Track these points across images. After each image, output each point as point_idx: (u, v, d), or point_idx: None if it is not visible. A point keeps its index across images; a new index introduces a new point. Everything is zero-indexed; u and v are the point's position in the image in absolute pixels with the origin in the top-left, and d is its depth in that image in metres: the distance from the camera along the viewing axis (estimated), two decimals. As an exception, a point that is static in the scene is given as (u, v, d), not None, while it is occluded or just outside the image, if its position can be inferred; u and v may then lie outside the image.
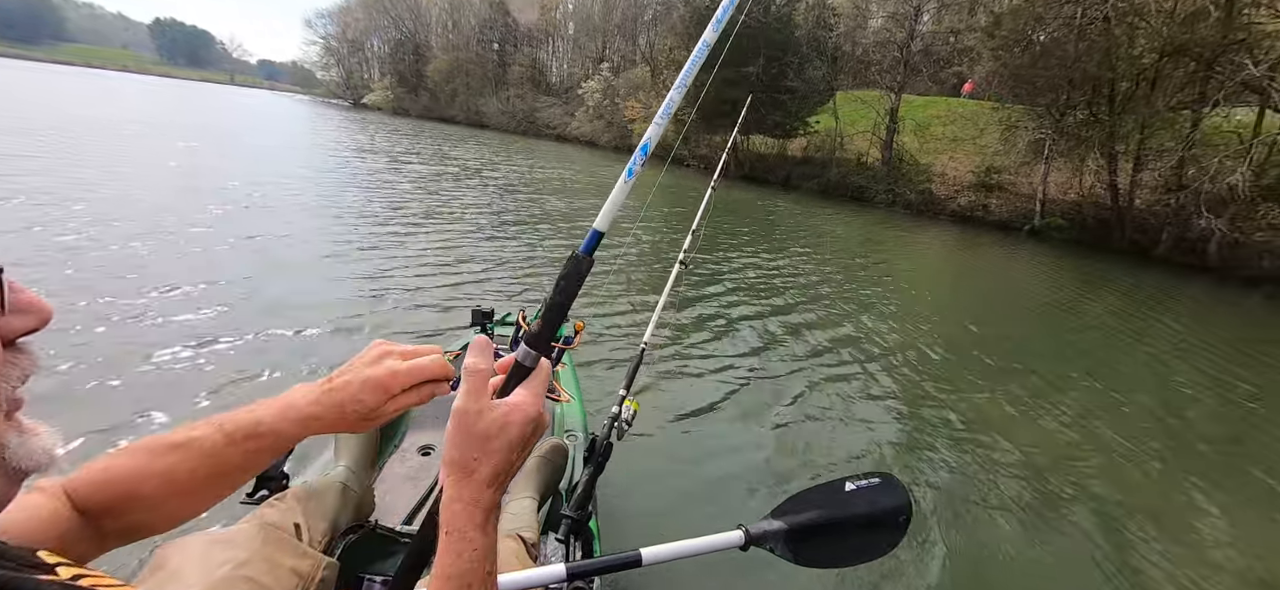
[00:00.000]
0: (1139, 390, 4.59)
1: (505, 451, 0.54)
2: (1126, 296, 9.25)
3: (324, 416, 0.63)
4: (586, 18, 46.75)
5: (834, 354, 4.50)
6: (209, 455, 0.60)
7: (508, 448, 0.54)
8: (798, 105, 22.29)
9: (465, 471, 0.53)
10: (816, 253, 9.32)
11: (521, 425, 0.55)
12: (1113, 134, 14.15)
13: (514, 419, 0.54)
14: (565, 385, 2.12)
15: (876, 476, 0.96)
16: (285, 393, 0.65)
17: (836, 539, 0.92)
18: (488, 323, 1.65)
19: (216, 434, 0.61)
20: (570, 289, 0.61)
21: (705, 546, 0.87)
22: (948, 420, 3.57)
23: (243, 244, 5.27)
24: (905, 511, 0.94)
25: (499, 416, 0.54)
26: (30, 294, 0.38)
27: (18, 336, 0.38)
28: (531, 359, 0.58)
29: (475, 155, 18.75)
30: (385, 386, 0.62)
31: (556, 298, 0.61)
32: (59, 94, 22.52)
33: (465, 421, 0.53)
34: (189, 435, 0.61)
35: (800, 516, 0.92)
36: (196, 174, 8.82)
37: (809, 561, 0.93)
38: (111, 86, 34.95)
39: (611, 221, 0.62)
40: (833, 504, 0.93)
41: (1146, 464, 3.34)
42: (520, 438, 0.55)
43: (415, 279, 4.94)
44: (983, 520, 2.59)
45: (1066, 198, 16.09)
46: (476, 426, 0.53)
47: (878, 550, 0.95)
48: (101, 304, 3.47)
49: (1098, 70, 14.01)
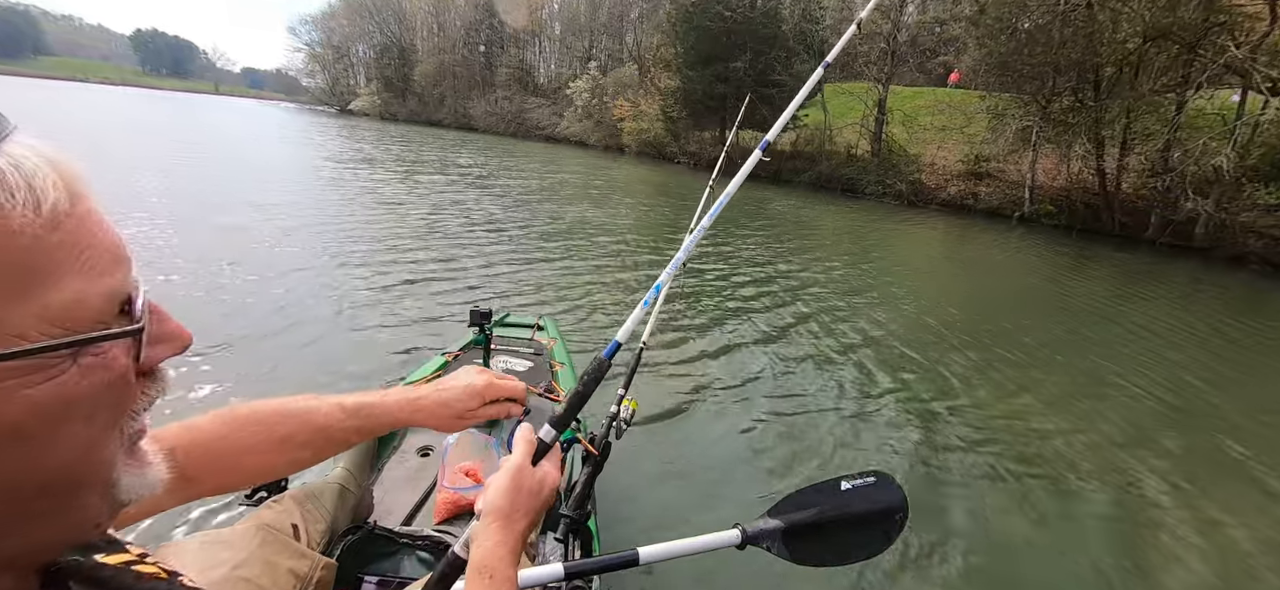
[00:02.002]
0: (1132, 371, 4.62)
1: (538, 510, 0.67)
2: (1117, 279, 9.34)
3: (428, 407, 0.74)
4: (572, 17, 46.67)
5: (829, 349, 4.50)
6: (323, 429, 0.69)
7: (539, 506, 0.67)
8: (786, 99, 22.27)
9: (508, 521, 0.63)
10: (809, 247, 9.34)
11: (551, 489, 0.69)
12: (1099, 119, 14.26)
13: (547, 482, 0.69)
14: (563, 385, 2.11)
15: (872, 475, 0.97)
16: (394, 389, 0.76)
17: (833, 537, 0.93)
18: (486, 322, 1.70)
19: (335, 409, 0.70)
20: (591, 385, 0.76)
21: (702, 545, 0.88)
22: (943, 411, 3.58)
23: (256, 257, 5.21)
24: (901, 509, 0.95)
25: (541, 477, 0.68)
26: (175, 322, 0.37)
27: (158, 364, 0.36)
28: (553, 437, 0.72)
29: (493, 163, 18.65)
30: (481, 394, 0.77)
31: (579, 389, 0.75)
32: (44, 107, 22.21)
33: (519, 477, 0.66)
34: (310, 405, 0.70)
35: (797, 515, 0.93)
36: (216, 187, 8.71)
37: (805, 560, 0.93)
38: (93, 101, 34.50)
39: (631, 333, 0.83)
40: (829, 503, 0.93)
41: (1147, 446, 3.36)
42: (546, 501, 0.68)
43: (450, 289, 4.90)
44: (978, 512, 2.60)
45: (1055, 184, 16.22)
46: (526, 482, 0.66)
47: (874, 548, 0.95)
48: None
49: (1082, 56, 14.11)
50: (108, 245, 0.32)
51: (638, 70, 32.41)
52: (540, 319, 2.65)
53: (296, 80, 69.45)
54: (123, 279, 0.32)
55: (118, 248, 0.33)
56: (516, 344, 2.33)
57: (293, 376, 3.08)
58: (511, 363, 2.13)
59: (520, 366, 2.12)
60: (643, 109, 29.26)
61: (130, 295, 0.33)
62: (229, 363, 3.15)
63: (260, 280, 4.54)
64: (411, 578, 1.09)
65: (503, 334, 2.45)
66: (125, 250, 0.33)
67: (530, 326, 2.58)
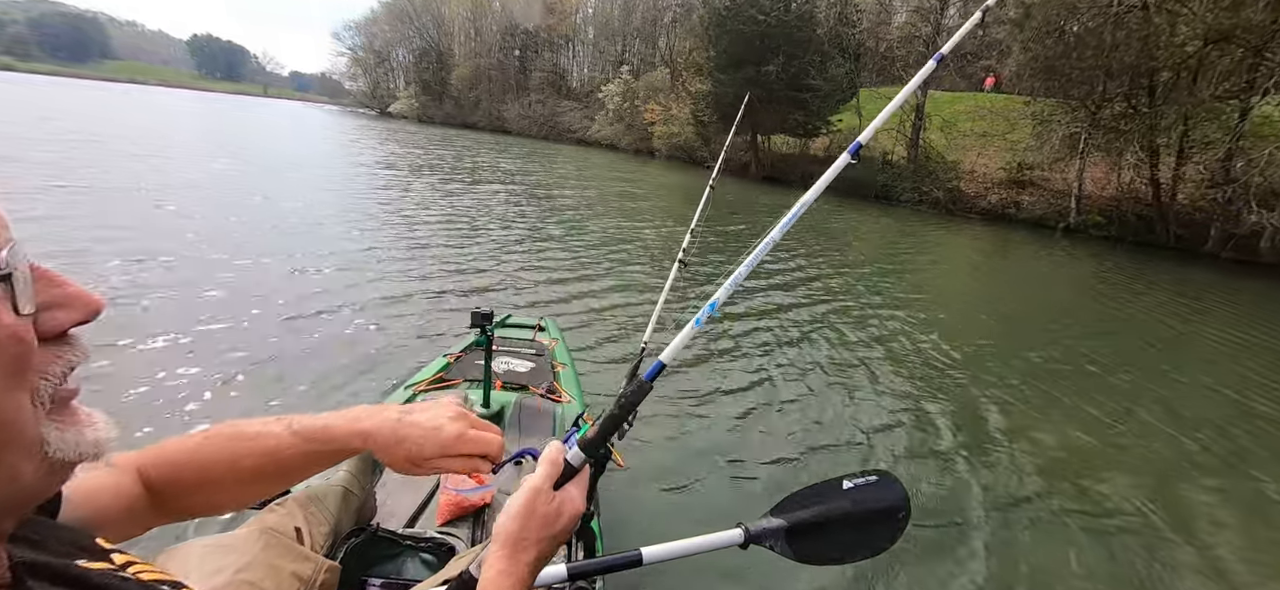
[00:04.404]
0: (1184, 398, 4.36)
1: (552, 540, 0.62)
2: (1171, 296, 8.84)
3: (382, 442, 0.66)
4: (606, 22, 47.05)
5: (841, 352, 4.40)
6: (273, 453, 0.64)
7: (554, 536, 0.62)
8: (819, 104, 21.99)
9: (517, 548, 0.59)
10: (831, 250, 9.15)
11: (571, 517, 0.63)
12: (1154, 126, 13.57)
13: (567, 510, 0.63)
14: (566, 385, 2.11)
15: (874, 474, 0.97)
16: (353, 408, 0.69)
17: (836, 536, 0.94)
18: (488, 323, 1.69)
19: (285, 432, 0.65)
20: (628, 408, 0.70)
21: (705, 545, 0.88)
22: (961, 421, 3.44)
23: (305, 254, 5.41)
24: (903, 508, 0.95)
25: (558, 505, 0.62)
26: (75, 286, 0.38)
27: (65, 329, 0.37)
28: (581, 462, 0.66)
29: (550, 171, 18.95)
30: (448, 446, 0.66)
31: (615, 411, 0.70)
32: (106, 110, 23.57)
33: (536, 501, 0.61)
34: (261, 429, 0.65)
35: (799, 514, 0.93)
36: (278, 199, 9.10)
37: (808, 558, 0.94)
38: (155, 102, 36.42)
39: (675, 356, 0.82)
40: (831, 501, 0.94)
41: (1192, 479, 3.16)
42: (565, 530, 0.63)
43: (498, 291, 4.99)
44: (995, 523, 2.48)
45: (1104, 194, 15.51)
46: (542, 507, 0.61)
47: (877, 546, 0.96)
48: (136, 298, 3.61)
49: (1136, 60, 13.47)
50: None
51: (669, 74, 32.45)
52: (542, 320, 2.66)
53: (340, 83, 71.96)
54: None
55: None
56: (518, 345, 2.33)
57: (293, 373, 3.13)
58: (513, 364, 2.12)
59: (521, 368, 2.11)
60: (673, 113, 29.29)
61: (2, 249, 0.33)
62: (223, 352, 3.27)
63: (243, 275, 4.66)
64: (415, 580, 1.09)
65: (504, 335, 2.45)
66: (3, 215, 0.34)
67: (532, 327, 2.58)
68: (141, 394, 2.74)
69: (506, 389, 1.94)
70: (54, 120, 15.91)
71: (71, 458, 0.37)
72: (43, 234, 4.96)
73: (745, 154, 24.75)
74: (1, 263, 0.33)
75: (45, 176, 7.52)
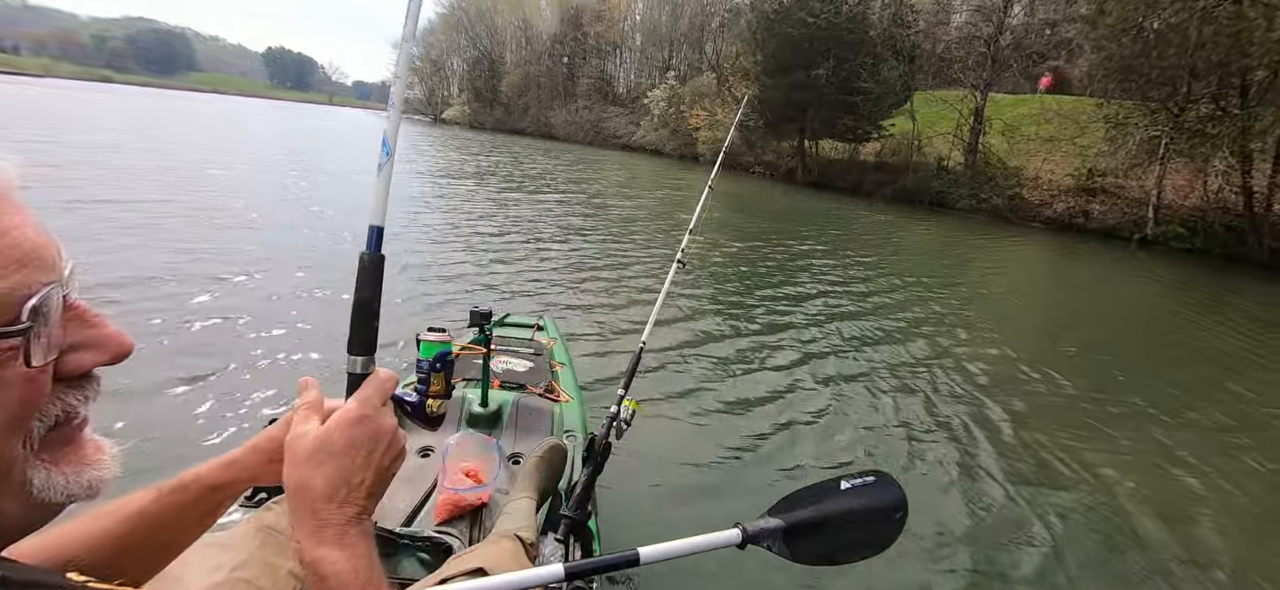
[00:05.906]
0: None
1: (333, 459, 0.50)
2: (1265, 317, 8.07)
3: (242, 460, 0.62)
4: (653, 28, 47.31)
5: (848, 357, 4.28)
6: (138, 515, 0.57)
7: (336, 455, 0.51)
8: (871, 108, 21.32)
9: (302, 499, 0.49)
10: (869, 252, 8.83)
11: (342, 427, 0.52)
12: (1246, 130, 12.43)
13: (333, 428, 0.52)
14: (564, 385, 2.10)
15: (872, 475, 0.97)
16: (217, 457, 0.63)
17: (834, 536, 0.94)
18: (486, 322, 1.68)
19: (148, 492, 0.59)
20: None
21: (703, 545, 0.88)
22: (1001, 447, 3.24)
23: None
24: (901, 508, 0.95)
25: (320, 431, 0.52)
26: (108, 328, 0.37)
27: (87, 370, 0.36)
28: (358, 366, 0.59)
29: (616, 180, 19.24)
30: (286, 422, 0.60)
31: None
32: (196, 119, 25.54)
33: (290, 450, 0.52)
34: (124, 499, 0.58)
35: (797, 514, 0.94)
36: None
37: (806, 559, 0.94)
38: (235, 112, 39.04)
39: None
40: (829, 502, 0.94)
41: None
42: (345, 443, 0.51)
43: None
44: (1022, 543, 2.32)
45: (1186, 203, 14.33)
46: (297, 447, 0.51)
47: (875, 546, 0.96)
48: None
49: (1226, 57, 12.39)
50: (13, 247, 0.31)
51: (715, 79, 32.26)
52: (540, 319, 2.66)
53: (398, 92, 75.28)
54: (23, 281, 0.32)
55: (28, 251, 0.32)
56: (516, 344, 2.33)
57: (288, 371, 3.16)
58: (511, 363, 2.11)
59: (520, 367, 2.09)
60: (719, 118, 29.09)
61: (31, 297, 0.32)
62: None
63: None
64: (412, 578, 1.10)
65: (503, 334, 2.44)
66: (43, 253, 0.33)
67: (530, 326, 2.59)
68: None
69: (505, 388, 1.92)
70: (153, 131, 17.32)
71: (59, 500, 0.36)
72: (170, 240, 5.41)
73: (792, 159, 24.26)
74: (24, 315, 0.32)
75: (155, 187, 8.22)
